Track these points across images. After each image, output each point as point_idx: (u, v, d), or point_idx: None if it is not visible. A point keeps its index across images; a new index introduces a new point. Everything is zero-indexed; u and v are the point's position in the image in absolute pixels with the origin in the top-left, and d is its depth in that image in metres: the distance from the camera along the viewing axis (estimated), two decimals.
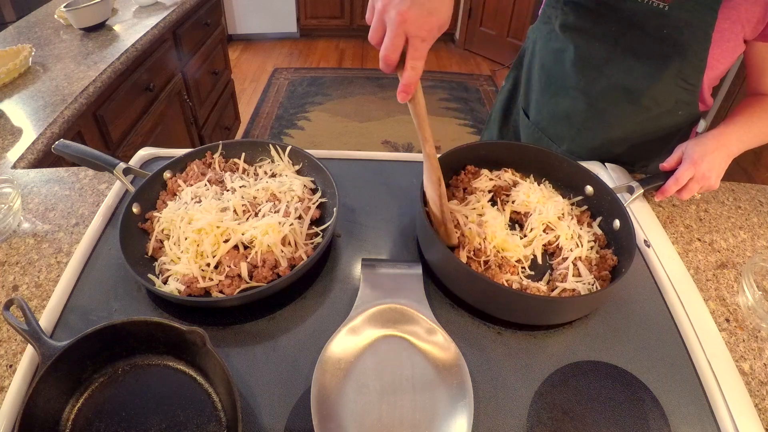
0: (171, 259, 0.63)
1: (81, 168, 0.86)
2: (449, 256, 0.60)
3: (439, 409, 0.50)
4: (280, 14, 3.89)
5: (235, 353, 0.58)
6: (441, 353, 0.54)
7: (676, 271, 0.68)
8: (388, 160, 0.89)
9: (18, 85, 1.21)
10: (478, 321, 0.62)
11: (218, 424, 0.50)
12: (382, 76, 3.55)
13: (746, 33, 0.73)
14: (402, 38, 0.48)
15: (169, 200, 0.71)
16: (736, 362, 0.59)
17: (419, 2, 0.47)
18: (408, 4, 0.47)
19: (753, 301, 0.64)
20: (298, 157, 0.78)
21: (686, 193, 0.75)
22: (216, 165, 0.77)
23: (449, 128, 3.01)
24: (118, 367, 0.54)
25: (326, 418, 0.48)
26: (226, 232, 0.64)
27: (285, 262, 0.63)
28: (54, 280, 0.66)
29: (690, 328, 0.61)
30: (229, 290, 0.60)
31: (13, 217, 0.73)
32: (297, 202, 0.70)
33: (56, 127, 1.07)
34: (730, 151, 0.75)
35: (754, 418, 0.52)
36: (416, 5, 0.47)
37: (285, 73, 3.58)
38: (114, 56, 1.37)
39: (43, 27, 1.58)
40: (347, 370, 0.52)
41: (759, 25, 0.71)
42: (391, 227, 0.75)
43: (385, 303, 0.58)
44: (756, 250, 0.76)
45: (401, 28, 0.47)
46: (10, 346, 0.58)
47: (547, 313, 0.60)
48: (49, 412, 0.49)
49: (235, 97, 2.60)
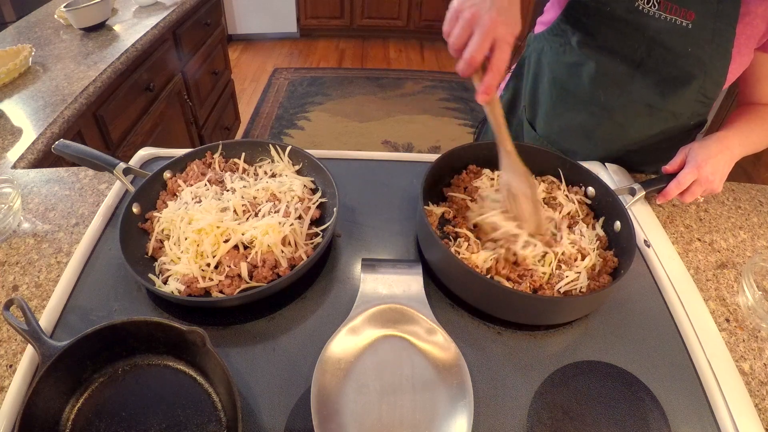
0: (171, 259, 0.63)
1: (81, 168, 0.86)
2: (449, 256, 0.60)
3: (439, 409, 0.50)
4: (280, 14, 3.88)
5: (235, 353, 0.58)
6: (441, 353, 0.54)
7: (676, 271, 0.68)
8: (388, 160, 0.89)
9: (18, 85, 1.21)
10: (478, 321, 0.62)
11: (218, 424, 0.50)
12: (382, 76, 3.55)
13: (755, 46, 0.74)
14: (489, 42, 0.54)
15: (169, 200, 0.71)
16: (736, 362, 0.59)
17: (505, 12, 0.54)
18: (496, 12, 0.53)
19: (753, 301, 0.64)
20: (298, 157, 0.78)
21: (689, 197, 0.75)
22: (216, 165, 0.77)
23: (449, 128, 3.01)
24: (118, 367, 0.54)
25: (326, 418, 0.48)
26: (226, 232, 0.64)
27: (285, 262, 0.63)
28: (54, 280, 0.66)
29: (690, 328, 0.61)
30: (229, 290, 0.60)
31: (13, 217, 0.73)
32: (297, 202, 0.70)
33: (56, 127, 1.07)
34: (733, 155, 0.75)
35: (754, 418, 0.52)
36: (503, 14, 0.54)
37: (285, 73, 3.58)
38: (114, 56, 1.37)
39: (43, 27, 1.58)
40: (347, 370, 0.52)
41: (764, 37, 0.73)
42: (391, 227, 0.75)
43: (385, 303, 0.58)
44: (756, 250, 0.76)
45: (492, 33, 0.53)
46: (10, 346, 0.58)
47: (546, 313, 0.60)
48: (49, 412, 0.49)
49: (235, 97, 2.60)
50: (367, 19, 3.99)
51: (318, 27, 4.04)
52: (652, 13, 0.74)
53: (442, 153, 0.75)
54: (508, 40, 0.55)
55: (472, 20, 0.54)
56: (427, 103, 3.24)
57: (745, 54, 0.74)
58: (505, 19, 0.54)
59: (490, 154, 0.79)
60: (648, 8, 0.74)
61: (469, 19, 0.55)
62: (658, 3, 0.73)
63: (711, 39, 0.72)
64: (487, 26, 0.53)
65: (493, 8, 0.54)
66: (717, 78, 0.76)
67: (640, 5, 0.74)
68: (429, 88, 3.42)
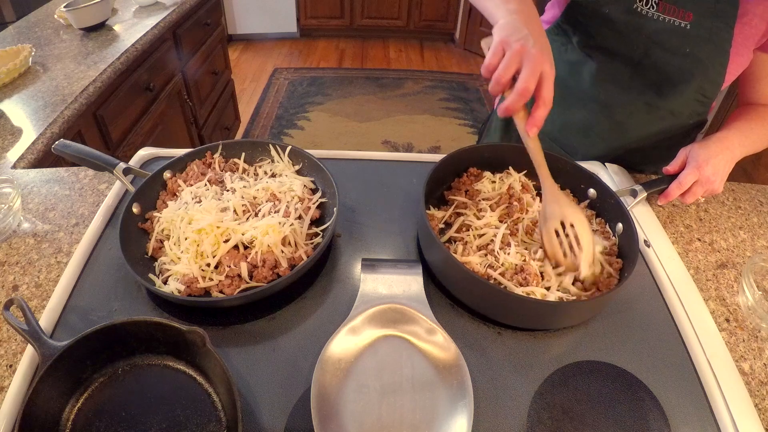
0: (171, 259, 0.63)
1: (81, 168, 0.86)
2: (449, 257, 0.60)
3: (439, 409, 0.50)
4: (280, 14, 3.89)
5: (235, 353, 0.58)
6: (441, 353, 0.54)
7: (676, 271, 0.68)
8: (388, 160, 0.89)
9: (18, 85, 1.21)
10: (478, 321, 0.62)
11: (218, 424, 0.50)
12: (382, 76, 3.55)
13: (754, 46, 0.74)
14: (538, 76, 0.56)
15: (169, 200, 0.71)
16: (736, 362, 0.59)
17: (546, 50, 0.59)
18: (540, 49, 0.57)
19: (753, 301, 0.64)
20: (298, 157, 0.78)
21: (690, 197, 0.75)
22: (216, 165, 0.77)
23: (449, 128, 3.01)
24: (118, 367, 0.54)
25: (326, 418, 0.48)
26: (226, 232, 0.64)
27: (285, 262, 0.63)
28: (54, 280, 0.66)
29: (690, 328, 0.61)
30: (229, 290, 0.60)
31: (13, 217, 0.73)
32: (297, 202, 0.70)
33: (56, 127, 1.07)
34: (733, 155, 0.76)
35: (754, 418, 0.52)
36: (545, 52, 0.58)
37: (285, 73, 3.58)
38: (114, 56, 1.37)
39: (43, 27, 1.58)
40: (347, 370, 0.52)
41: (763, 37, 0.73)
42: (391, 227, 0.75)
43: (385, 303, 0.58)
44: (756, 250, 0.76)
45: (539, 67, 0.56)
46: (10, 346, 0.58)
47: (546, 317, 0.59)
48: (49, 412, 0.49)
49: (235, 97, 2.60)
50: (367, 19, 3.99)
51: (318, 27, 4.04)
52: (650, 15, 0.74)
53: (444, 156, 0.74)
54: (551, 74, 0.58)
55: (520, 53, 0.56)
56: (427, 103, 3.24)
57: (744, 54, 0.74)
58: (548, 56, 0.58)
59: (491, 157, 0.79)
60: (646, 9, 0.74)
61: (517, 52, 0.56)
62: (656, 4, 0.73)
63: (709, 39, 0.72)
64: (536, 61, 0.56)
65: (537, 44, 0.57)
66: (715, 78, 0.76)
67: (638, 7, 0.75)
68: (429, 88, 3.42)
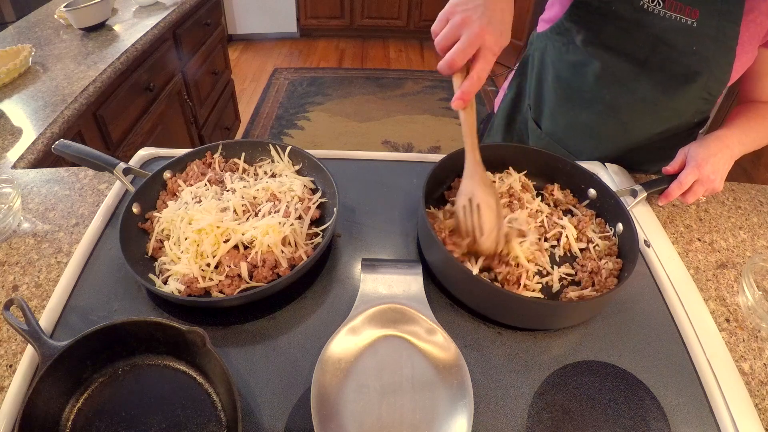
0: (171, 259, 0.63)
1: (81, 168, 0.86)
2: (449, 257, 0.60)
3: (439, 409, 0.50)
4: (280, 14, 3.88)
5: (235, 353, 0.58)
6: (441, 353, 0.54)
7: (676, 271, 0.68)
8: (388, 160, 0.89)
9: (18, 85, 1.21)
10: (478, 321, 0.62)
11: (218, 424, 0.50)
12: (382, 76, 3.55)
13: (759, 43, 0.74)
14: (474, 49, 0.54)
15: (169, 200, 0.71)
16: (736, 362, 0.59)
17: (495, 23, 0.55)
18: (487, 21, 0.54)
19: (753, 301, 0.64)
20: (298, 157, 0.78)
21: (691, 197, 0.75)
22: (216, 165, 0.77)
23: (449, 128, 3.01)
24: (118, 367, 0.54)
25: (326, 418, 0.48)
26: (226, 233, 0.64)
27: (285, 262, 0.63)
28: (54, 280, 0.66)
29: (690, 328, 0.61)
30: (229, 290, 0.60)
31: (13, 217, 0.73)
32: (297, 202, 0.70)
33: (56, 127, 1.07)
34: (732, 153, 0.75)
35: (754, 418, 0.52)
36: (493, 24, 0.54)
37: (285, 73, 3.58)
38: (114, 56, 1.37)
39: (43, 27, 1.58)
40: (347, 370, 0.52)
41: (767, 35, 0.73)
42: (391, 227, 0.75)
43: (385, 303, 0.58)
44: (756, 250, 0.76)
45: (478, 40, 0.54)
46: (10, 346, 0.58)
47: (546, 317, 0.60)
48: (49, 412, 0.49)
49: (235, 97, 2.60)
50: (367, 19, 3.99)
51: (318, 27, 4.04)
52: (656, 12, 0.74)
53: (444, 156, 0.74)
54: (494, 50, 0.55)
55: (462, 24, 0.55)
56: (427, 103, 3.24)
57: (750, 51, 0.74)
58: (493, 29, 0.55)
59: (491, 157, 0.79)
60: (653, 7, 0.74)
61: (458, 23, 0.55)
62: (663, 1, 0.73)
63: (715, 37, 0.72)
64: (475, 33, 0.54)
65: (484, 17, 0.54)
66: (721, 76, 0.76)
67: (645, 4, 0.74)
68: (429, 88, 3.42)
